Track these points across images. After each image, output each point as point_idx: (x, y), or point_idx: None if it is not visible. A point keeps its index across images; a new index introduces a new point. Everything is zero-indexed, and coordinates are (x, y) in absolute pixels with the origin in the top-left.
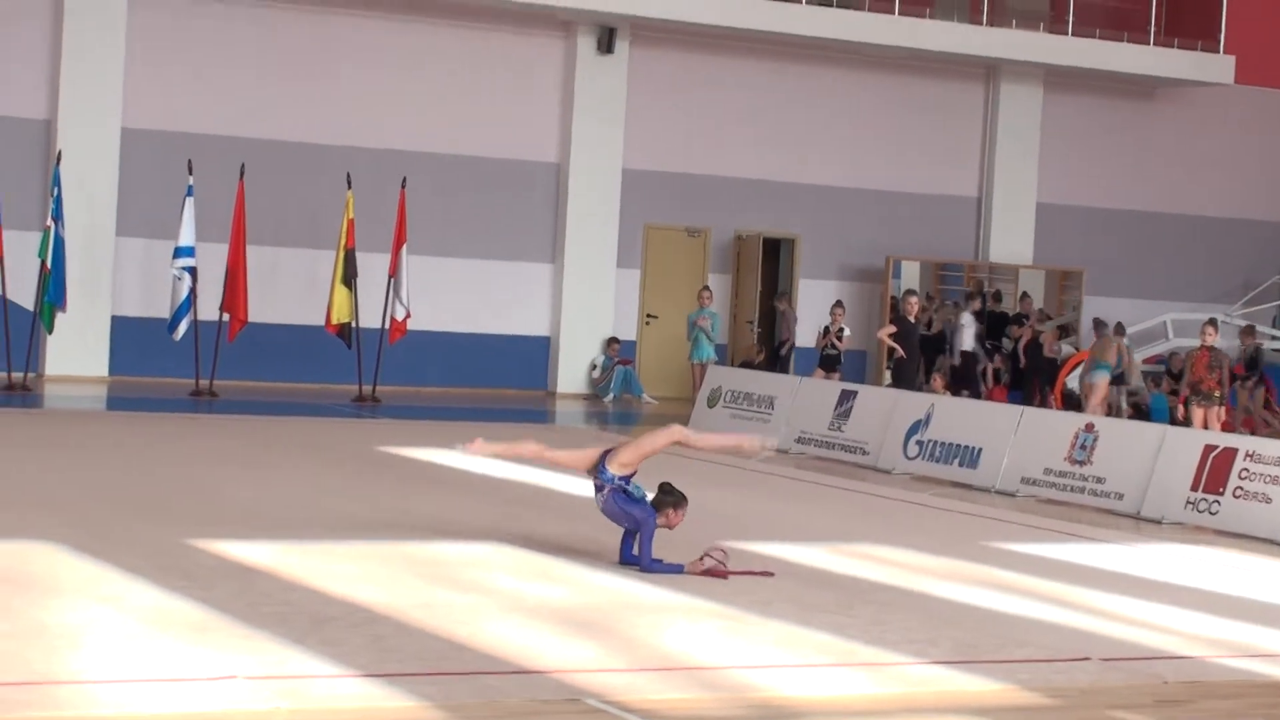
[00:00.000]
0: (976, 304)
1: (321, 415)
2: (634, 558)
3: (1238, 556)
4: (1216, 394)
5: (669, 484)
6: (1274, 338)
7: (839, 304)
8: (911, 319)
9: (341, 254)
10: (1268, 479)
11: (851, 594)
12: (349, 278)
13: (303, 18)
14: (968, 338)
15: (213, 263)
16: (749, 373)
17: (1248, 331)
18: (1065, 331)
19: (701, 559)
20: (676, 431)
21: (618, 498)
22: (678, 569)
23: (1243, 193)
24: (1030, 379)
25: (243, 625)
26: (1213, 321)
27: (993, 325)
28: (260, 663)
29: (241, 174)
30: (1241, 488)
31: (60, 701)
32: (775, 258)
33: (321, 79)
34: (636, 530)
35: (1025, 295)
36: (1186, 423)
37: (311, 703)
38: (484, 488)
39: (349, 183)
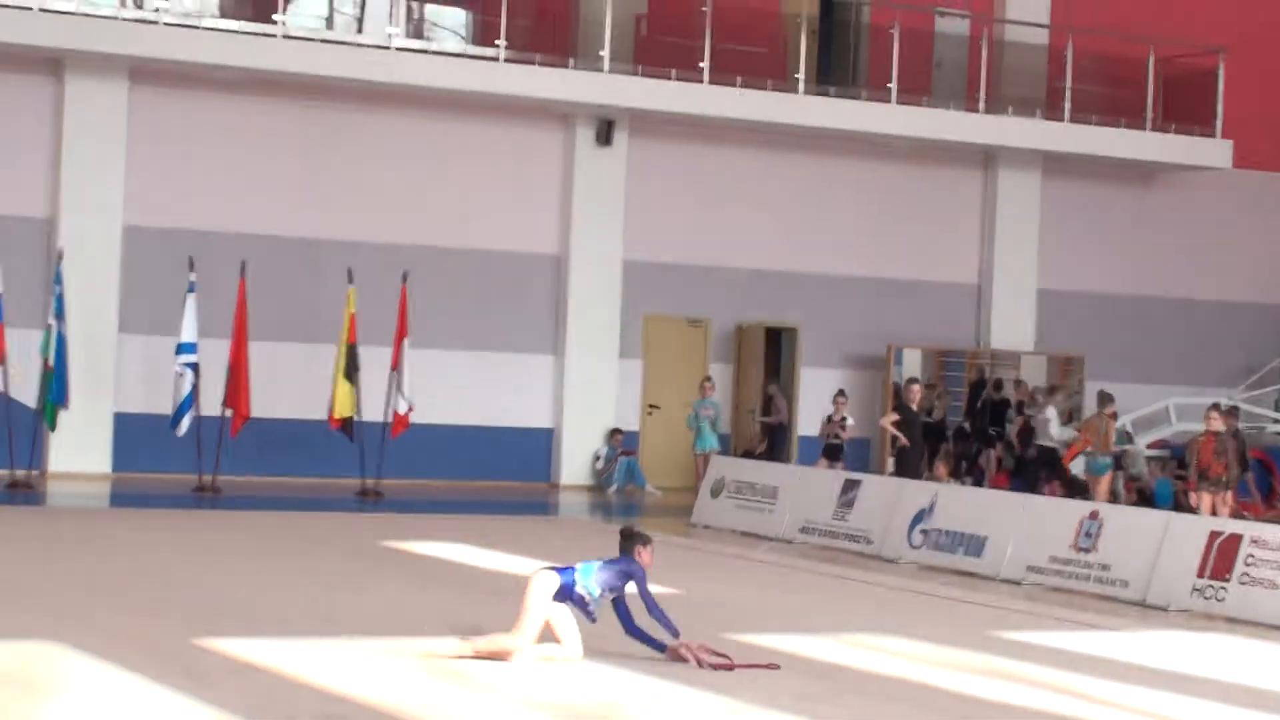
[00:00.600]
0: (1059, 397)
1: (325, 510)
2: (636, 628)
3: (1245, 643)
4: (1224, 479)
5: (627, 527)
6: (1276, 420)
7: (841, 393)
8: (914, 407)
9: (344, 349)
10: (1274, 565)
11: (855, 685)
12: (351, 372)
13: (303, 114)
14: (1053, 430)
15: (215, 358)
16: (753, 463)
17: (1230, 414)
18: (1071, 417)
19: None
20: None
21: (605, 573)
22: (675, 631)
23: (1243, 276)
24: (1031, 466)
25: None
26: (1216, 406)
27: (993, 413)
28: None
29: (243, 270)
30: (1248, 574)
31: None
32: (777, 347)
33: (322, 174)
34: (627, 583)
35: (1019, 382)
36: (1196, 510)
37: None
38: (490, 583)
39: (350, 278)
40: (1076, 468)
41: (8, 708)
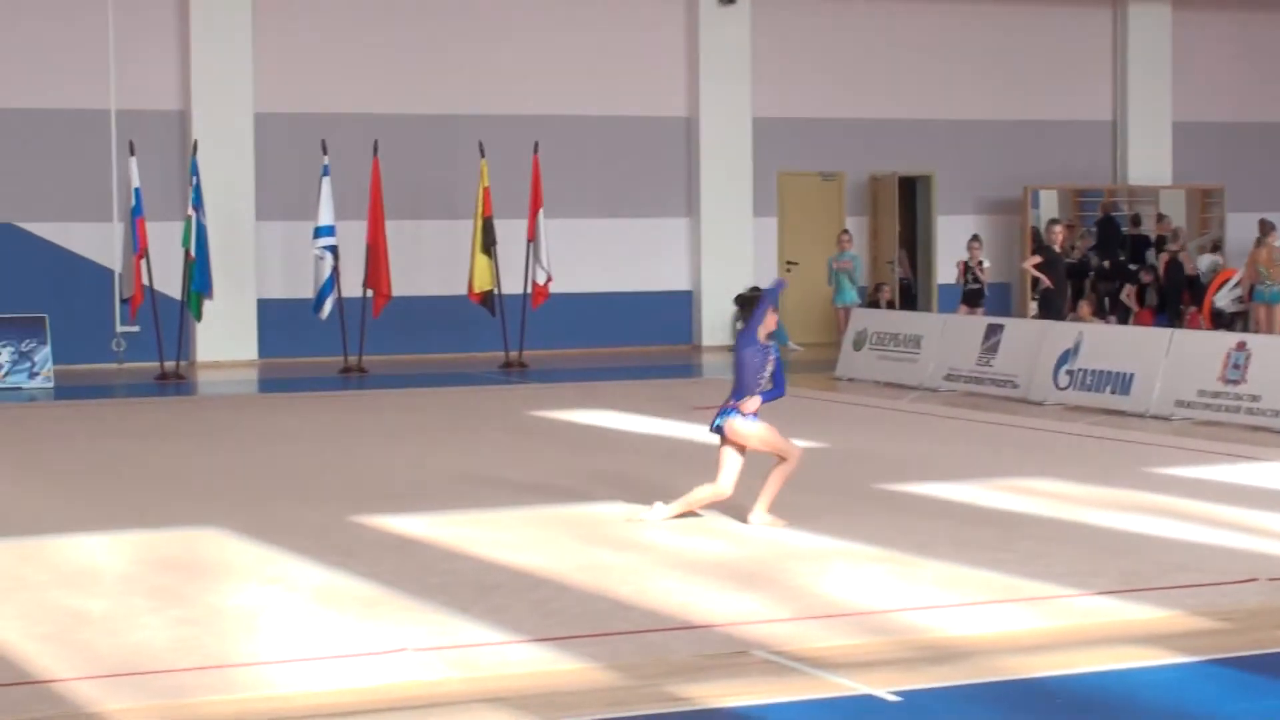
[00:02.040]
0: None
1: (470, 384)
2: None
3: None
4: None
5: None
6: None
7: (975, 238)
8: (1057, 248)
9: (479, 222)
10: None
11: (1011, 529)
12: (488, 246)
13: None
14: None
15: (353, 240)
16: (894, 313)
17: None
18: (1215, 247)
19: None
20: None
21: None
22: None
23: None
24: (1175, 300)
25: (408, 598)
26: None
27: (1136, 248)
28: (428, 634)
29: (375, 150)
30: None
31: (237, 684)
32: (912, 196)
33: (446, 49)
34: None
35: (1161, 217)
36: None
37: (481, 670)
38: (635, 446)
39: (482, 151)
40: (1221, 301)
41: (179, 592)
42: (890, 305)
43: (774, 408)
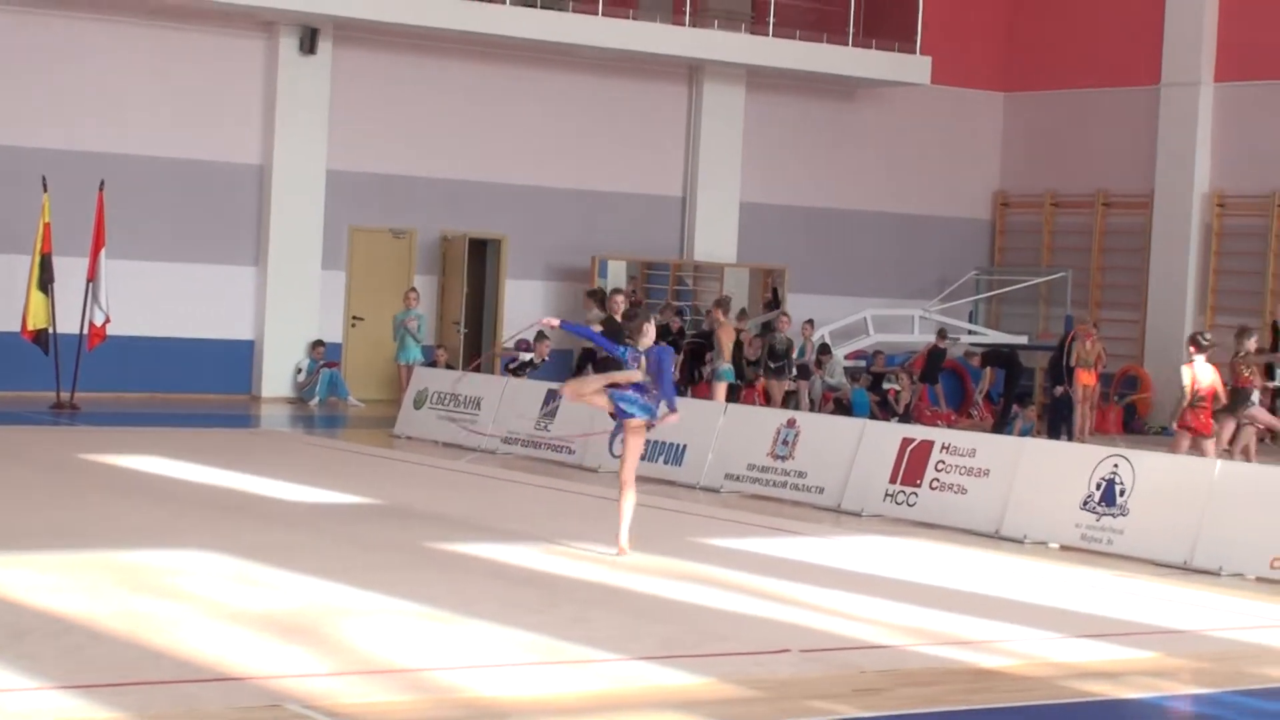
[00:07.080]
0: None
1: (18, 424)
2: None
3: (934, 547)
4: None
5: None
6: (972, 332)
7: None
8: (618, 318)
9: (37, 259)
10: (962, 470)
11: (555, 591)
12: (45, 283)
13: None
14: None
15: None
16: (455, 374)
17: (941, 334)
18: (767, 329)
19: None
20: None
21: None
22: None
23: (939, 190)
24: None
25: None
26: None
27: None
28: None
29: None
30: (938, 479)
31: None
32: (482, 258)
33: (14, 80)
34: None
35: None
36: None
37: (5, 717)
38: (186, 494)
39: (44, 186)
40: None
41: None
42: (449, 367)
43: (334, 459)
